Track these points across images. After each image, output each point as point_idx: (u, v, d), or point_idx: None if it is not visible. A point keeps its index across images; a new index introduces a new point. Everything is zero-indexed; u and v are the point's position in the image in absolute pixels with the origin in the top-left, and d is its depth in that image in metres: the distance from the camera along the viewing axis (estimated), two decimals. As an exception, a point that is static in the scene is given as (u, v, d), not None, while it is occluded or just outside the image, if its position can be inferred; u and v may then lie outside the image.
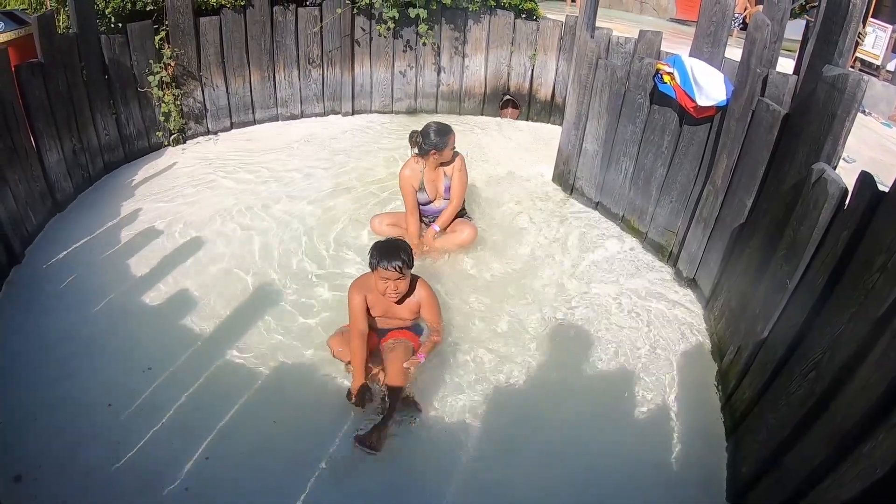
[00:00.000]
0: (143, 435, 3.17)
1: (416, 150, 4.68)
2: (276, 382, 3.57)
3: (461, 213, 4.95)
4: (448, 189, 4.79)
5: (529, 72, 7.54)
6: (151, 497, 2.88)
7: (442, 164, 4.71)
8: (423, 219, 4.96)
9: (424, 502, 3.00)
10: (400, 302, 3.58)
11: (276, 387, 3.55)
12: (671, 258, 4.85)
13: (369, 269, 3.48)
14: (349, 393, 3.40)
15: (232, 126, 6.85)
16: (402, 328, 3.70)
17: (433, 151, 4.59)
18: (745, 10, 11.53)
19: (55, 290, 4.16)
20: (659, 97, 4.63)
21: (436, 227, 4.76)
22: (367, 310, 3.57)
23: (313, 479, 3.03)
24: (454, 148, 4.68)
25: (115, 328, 3.89)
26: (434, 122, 4.65)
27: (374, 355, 3.59)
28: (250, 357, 3.72)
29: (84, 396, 3.38)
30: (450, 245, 4.75)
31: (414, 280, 3.62)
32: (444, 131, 4.60)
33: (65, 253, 4.52)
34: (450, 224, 4.83)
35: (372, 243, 3.45)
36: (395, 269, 3.37)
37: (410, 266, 3.49)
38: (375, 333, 3.69)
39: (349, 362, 3.52)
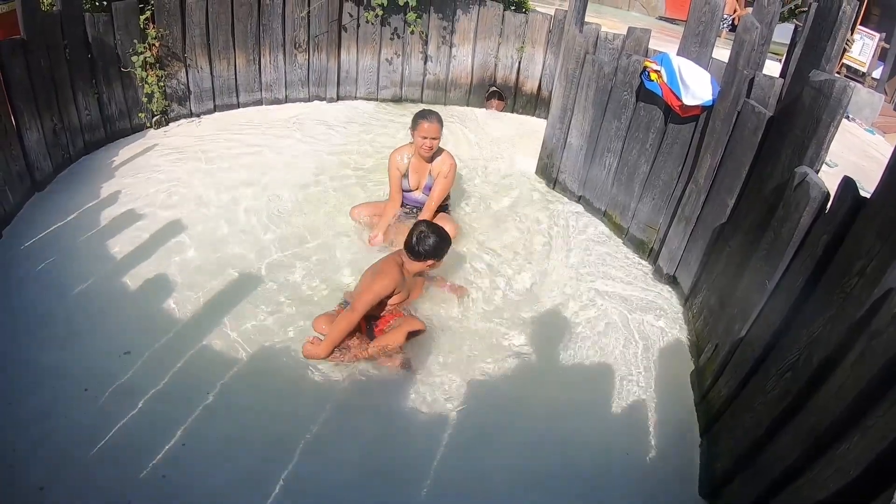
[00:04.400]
0: (119, 420, 3.14)
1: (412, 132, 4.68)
2: (254, 367, 3.56)
3: (442, 208, 4.94)
4: (429, 187, 4.78)
5: (516, 64, 7.52)
6: (127, 483, 2.86)
7: (425, 160, 4.69)
8: (404, 206, 4.96)
9: (401, 489, 3.02)
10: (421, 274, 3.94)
11: (255, 372, 3.54)
12: (651, 255, 4.88)
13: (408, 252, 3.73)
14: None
15: (215, 109, 6.77)
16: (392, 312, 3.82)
17: (410, 129, 4.65)
18: (735, 11, 11.60)
19: (33, 272, 4.10)
20: (645, 94, 4.65)
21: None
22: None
23: (291, 465, 3.03)
24: (429, 138, 4.54)
25: (93, 311, 3.85)
26: (426, 109, 4.68)
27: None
28: (229, 342, 3.70)
29: (60, 380, 3.34)
30: None
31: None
32: (423, 115, 4.60)
33: (43, 234, 4.46)
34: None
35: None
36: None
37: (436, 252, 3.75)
38: (364, 321, 3.72)
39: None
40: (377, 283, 3.62)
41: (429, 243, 3.67)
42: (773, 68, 5.05)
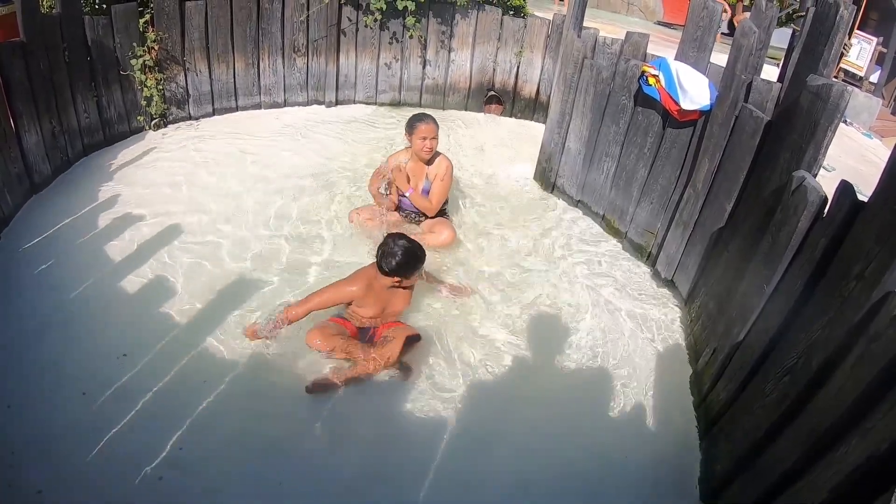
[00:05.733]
0: (117, 423, 3.13)
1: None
2: (252, 372, 3.55)
3: (441, 212, 4.95)
4: (426, 191, 4.79)
5: (515, 69, 7.54)
6: (125, 486, 2.86)
7: (424, 162, 4.71)
8: (401, 211, 4.97)
9: (399, 493, 3.01)
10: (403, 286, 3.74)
11: (253, 376, 3.53)
12: (650, 259, 4.89)
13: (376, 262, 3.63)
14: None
15: (214, 112, 6.78)
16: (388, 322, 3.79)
17: (405, 134, 4.68)
18: (724, 11, 11.63)
19: (31, 274, 4.10)
20: (643, 99, 4.66)
21: (410, 191, 4.72)
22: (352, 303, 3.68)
23: (288, 469, 3.03)
24: (428, 139, 4.59)
25: (92, 314, 3.84)
26: (421, 112, 4.73)
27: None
28: (227, 346, 3.69)
29: (58, 383, 3.34)
30: (428, 245, 4.72)
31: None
32: (419, 118, 4.64)
33: (42, 236, 4.45)
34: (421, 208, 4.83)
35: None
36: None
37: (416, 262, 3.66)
38: (355, 327, 3.72)
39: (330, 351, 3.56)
40: (335, 287, 3.62)
41: (392, 263, 3.53)
42: (770, 73, 5.06)
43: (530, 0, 7.81)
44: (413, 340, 3.69)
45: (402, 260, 3.53)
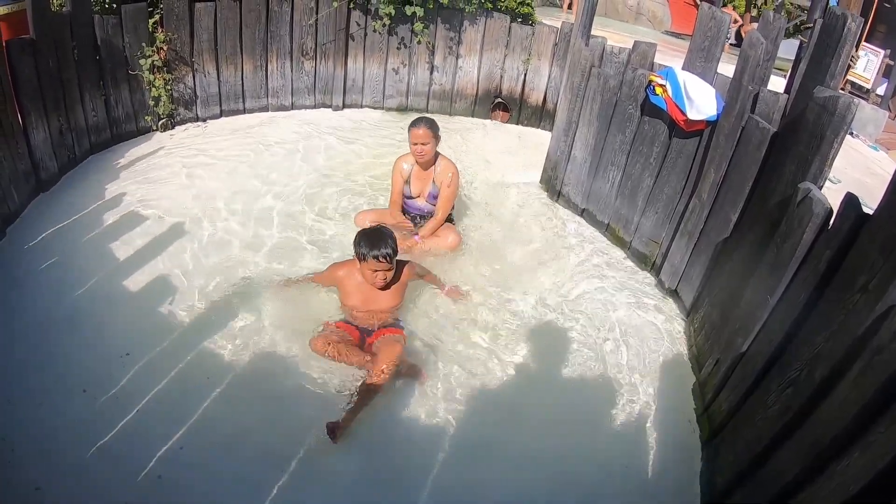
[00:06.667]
0: (117, 422, 3.14)
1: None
2: (254, 373, 3.55)
3: (446, 218, 4.95)
4: (433, 196, 4.80)
5: (522, 76, 7.55)
6: (124, 484, 2.86)
7: (422, 167, 4.72)
8: (406, 213, 4.98)
9: (400, 497, 3.01)
10: (385, 288, 3.74)
11: (255, 378, 3.53)
12: (654, 268, 4.88)
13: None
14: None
15: (221, 114, 6.80)
16: (386, 325, 3.76)
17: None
18: (734, 22, 11.61)
19: (36, 271, 4.10)
20: (650, 108, 4.66)
21: (417, 237, 4.74)
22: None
23: (288, 471, 3.02)
24: (419, 144, 4.60)
25: (95, 312, 3.85)
26: (420, 116, 4.76)
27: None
28: (230, 347, 3.69)
29: (60, 381, 3.34)
30: (433, 249, 4.74)
31: (400, 266, 3.85)
32: (414, 122, 4.66)
33: (47, 233, 4.47)
34: (432, 234, 4.83)
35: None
36: (385, 259, 3.54)
37: (396, 253, 3.65)
38: (357, 329, 3.71)
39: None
40: (328, 268, 3.96)
41: (355, 241, 3.68)
42: (777, 84, 5.05)
43: (538, 8, 7.83)
44: (398, 342, 3.60)
45: (356, 238, 3.67)
